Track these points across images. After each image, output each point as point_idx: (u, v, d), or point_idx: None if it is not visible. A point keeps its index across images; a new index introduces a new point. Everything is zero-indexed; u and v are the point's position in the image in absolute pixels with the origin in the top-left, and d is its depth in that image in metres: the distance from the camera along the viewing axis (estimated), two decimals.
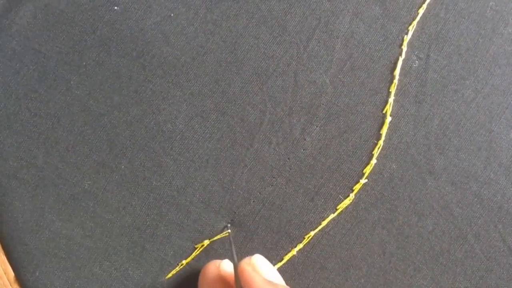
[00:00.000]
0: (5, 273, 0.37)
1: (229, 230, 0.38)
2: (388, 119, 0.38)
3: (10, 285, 0.37)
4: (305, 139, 0.38)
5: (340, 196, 0.39)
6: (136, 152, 0.38)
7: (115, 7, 0.38)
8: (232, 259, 0.36)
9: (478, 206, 0.38)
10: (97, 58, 0.38)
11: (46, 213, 0.38)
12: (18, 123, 0.38)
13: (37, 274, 0.37)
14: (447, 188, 0.38)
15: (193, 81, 0.38)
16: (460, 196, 0.38)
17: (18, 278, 0.38)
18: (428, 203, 0.38)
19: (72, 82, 0.38)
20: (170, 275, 0.38)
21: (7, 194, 0.38)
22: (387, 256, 0.38)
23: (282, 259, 0.38)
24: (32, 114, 0.38)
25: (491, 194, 0.38)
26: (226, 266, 0.36)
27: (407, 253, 0.38)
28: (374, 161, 0.38)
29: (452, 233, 0.38)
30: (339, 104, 0.39)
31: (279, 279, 0.35)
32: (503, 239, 0.38)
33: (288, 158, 0.38)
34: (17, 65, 0.38)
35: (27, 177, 0.38)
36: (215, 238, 0.38)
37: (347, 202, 0.38)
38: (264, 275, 0.34)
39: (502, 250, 0.38)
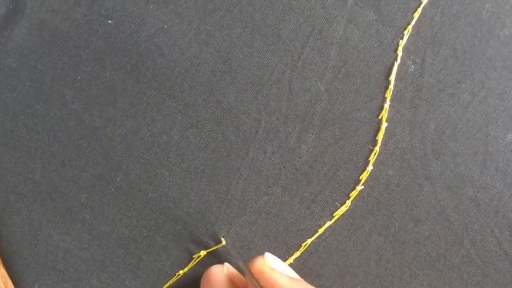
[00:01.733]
0: (5, 286, 0.37)
1: (224, 242, 0.38)
2: (384, 124, 0.38)
3: None
4: (300, 147, 0.38)
5: (336, 203, 0.38)
6: (131, 164, 0.38)
7: (109, 21, 0.38)
8: (238, 265, 0.36)
9: (475, 211, 0.38)
10: (91, 72, 0.38)
11: (43, 226, 0.38)
12: (15, 138, 0.38)
13: (36, 286, 0.38)
14: (443, 193, 0.38)
15: (187, 92, 0.38)
16: (456, 201, 0.38)
17: None
18: (424, 208, 0.38)
19: (67, 97, 0.38)
20: (167, 285, 0.38)
21: (5, 209, 0.38)
22: (383, 262, 0.38)
23: None
24: (29, 129, 0.38)
25: (488, 198, 0.38)
26: (231, 268, 0.35)
27: (403, 259, 0.38)
28: (370, 167, 0.38)
29: (449, 238, 0.38)
30: (334, 111, 0.38)
31: (294, 274, 0.35)
32: (500, 244, 0.38)
33: (284, 167, 0.38)
34: (14, 81, 0.38)
35: (25, 192, 0.38)
36: (212, 249, 0.38)
37: (343, 209, 0.38)
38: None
39: (498, 255, 0.38)
